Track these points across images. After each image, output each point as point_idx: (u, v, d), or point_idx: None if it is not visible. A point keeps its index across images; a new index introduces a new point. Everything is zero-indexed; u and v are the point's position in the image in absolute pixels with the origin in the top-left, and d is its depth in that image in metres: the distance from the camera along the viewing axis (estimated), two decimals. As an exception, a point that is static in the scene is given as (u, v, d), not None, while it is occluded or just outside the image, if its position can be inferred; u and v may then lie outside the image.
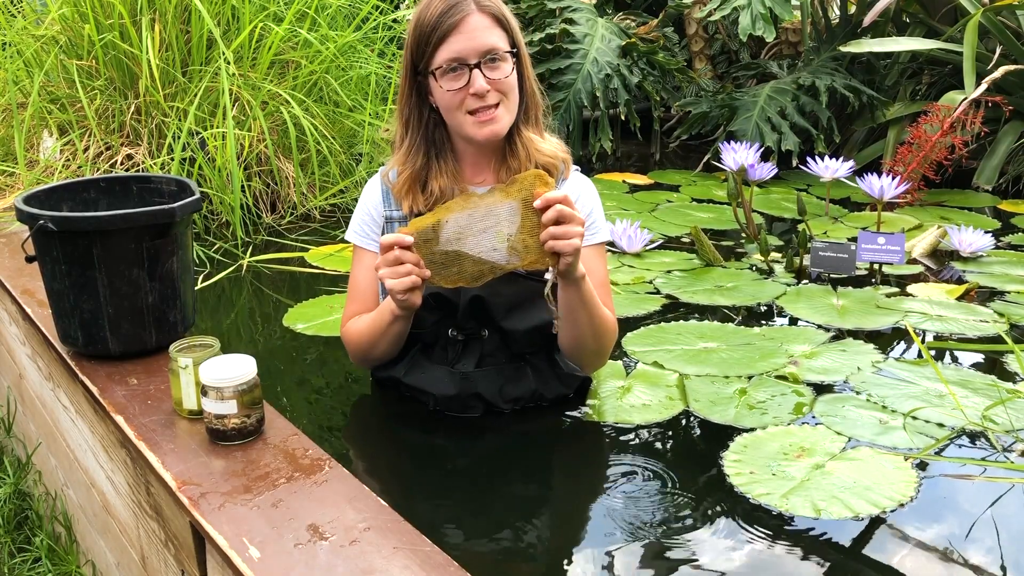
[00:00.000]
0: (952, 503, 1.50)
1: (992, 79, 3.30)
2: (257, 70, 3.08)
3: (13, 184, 2.92)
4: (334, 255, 2.74)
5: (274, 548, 1.13)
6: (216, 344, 1.46)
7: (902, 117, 3.83)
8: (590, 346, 1.68)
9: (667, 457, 1.66)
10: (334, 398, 1.91)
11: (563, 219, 1.45)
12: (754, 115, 3.86)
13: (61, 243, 1.56)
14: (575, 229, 1.45)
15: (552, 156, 1.68)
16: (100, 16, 2.95)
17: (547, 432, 1.71)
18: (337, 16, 3.53)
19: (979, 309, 2.33)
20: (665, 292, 2.47)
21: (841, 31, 4.15)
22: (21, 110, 2.97)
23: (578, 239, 1.45)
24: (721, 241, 2.94)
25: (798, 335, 2.17)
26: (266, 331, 2.27)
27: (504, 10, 1.61)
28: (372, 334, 1.66)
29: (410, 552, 1.12)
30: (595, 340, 1.66)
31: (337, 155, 3.19)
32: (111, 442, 1.56)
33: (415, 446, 1.69)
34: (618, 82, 3.92)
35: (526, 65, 1.65)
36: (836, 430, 1.71)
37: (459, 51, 1.55)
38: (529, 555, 1.37)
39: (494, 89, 1.57)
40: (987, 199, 3.50)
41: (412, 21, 1.61)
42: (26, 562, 2.06)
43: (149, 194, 1.81)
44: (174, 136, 2.86)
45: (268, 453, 1.35)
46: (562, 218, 1.45)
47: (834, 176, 3.00)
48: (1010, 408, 1.76)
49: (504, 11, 1.61)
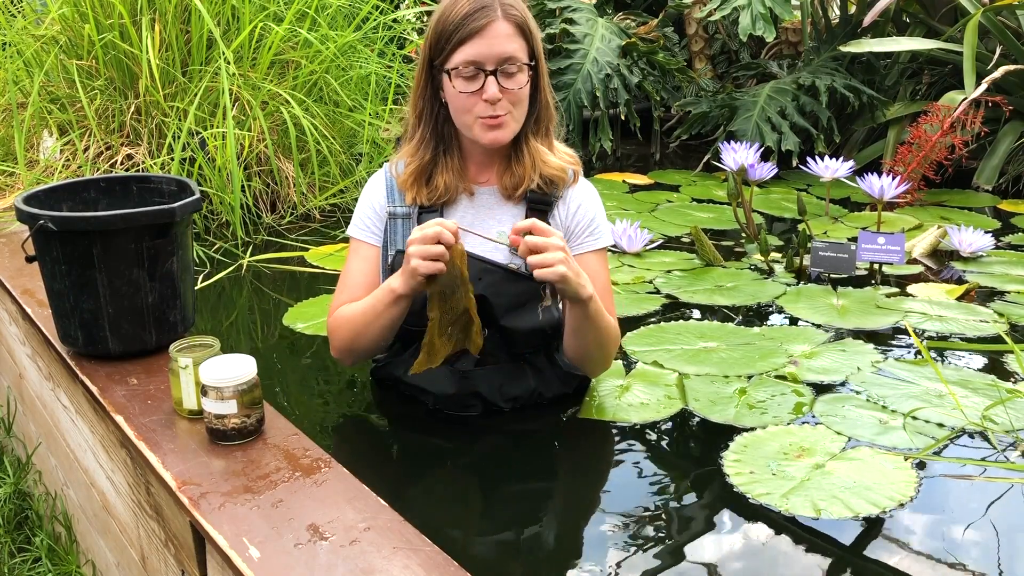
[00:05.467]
0: (952, 503, 1.50)
1: (992, 79, 3.30)
2: (257, 70, 3.08)
3: (13, 184, 2.92)
4: (334, 255, 2.74)
5: (274, 548, 1.13)
6: (216, 344, 1.46)
7: (902, 117, 3.83)
8: (595, 356, 1.71)
9: (667, 457, 1.67)
10: (334, 398, 1.91)
11: (536, 249, 1.46)
12: (754, 115, 3.86)
13: (61, 243, 1.56)
14: (552, 256, 1.45)
15: (558, 169, 1.67)
16: (100, 16, 2.95)
17: (547, 431, 1.71)
18: (337, 16, 3.53)
19: (979, 309, 2.33)
20: (665, 292, 2.47)
21: (841, 31, 4.15)
22: (21, 110, 2.97)
23: (559, 264, 1.45)
24: (721, 241, 2.94)
25: (798, 335, 2.17)
26: (266, 331, 2.27)
27: (529, 20, 1.61)
28: (365, 317, 1.63)
29: (410, 552, 1.12)
30: (600, 351, 1.69)
31: (337, 155, 3.19)
32: (111, 442, 1.56)
33: (415, 446, 1.69)
34: (618, 82, 3.92)
35: (543, 76, 1.65)
36: (836, 430, 1.71)
37: (478, 55, 1.55)
38: (529, 555, 1.37)
39: (506, 98, 1.58)
40: (987, 199, 3.50)
41: (436, 15, 1.60)
42: (26, 562, 2.06)
43: (149, 194, 1.81)
44: (174, 136, 2.86)
45: (268, 453, 1.35)
46: (535, 248, 1.46)
47: (834, 176, 3.00)
48: (1010, 408, 1.76)
49: (529, 21, 1.61)
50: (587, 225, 1.70)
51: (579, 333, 1.63)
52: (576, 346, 1.67)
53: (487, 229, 1.69)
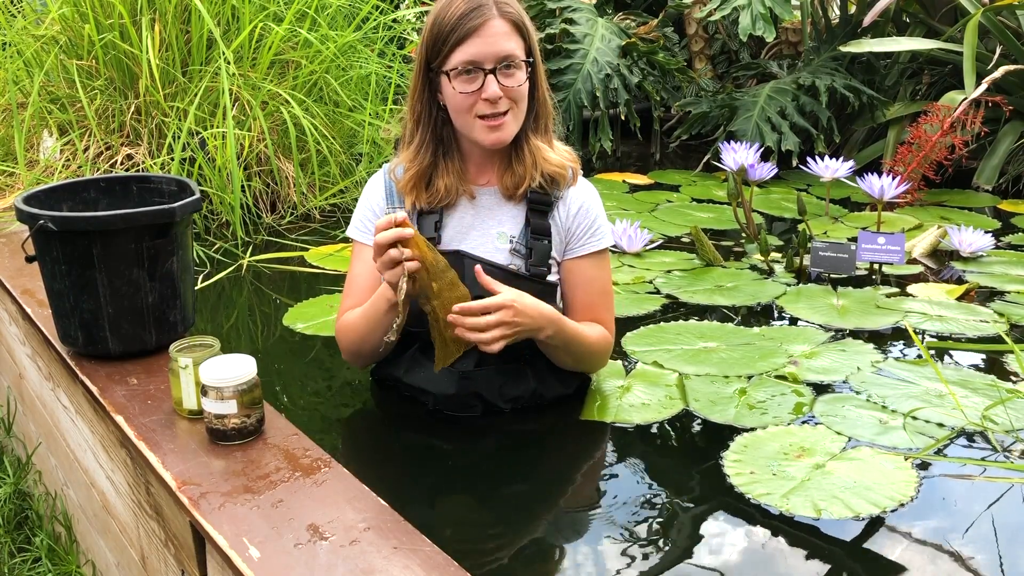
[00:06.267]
0: (952, 503, 1.50)
1: (992, 79, 3.30)
2: (257, 70, 3.09)
3: (13, 184, 2.92)
4: (334, 255, 2.74)
5: (274, 548, 1.13)
6: (216, 344, 1.46)
7: (902, 117, 3.83)
8: (577, 369, 1.78)
9: (667, 457, 1.67)
10: (334, 398, 1.91)
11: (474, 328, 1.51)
12: (754, 115, 3.86)
13: (61, 243, 1.56)
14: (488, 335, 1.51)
15: (559, 166, 1.68)
16: (100, 16, 2.95)
17: (547, 432, 1.71)
18: (337, 16, 3.53)
19: (979, 309, 2.33)
20: (665, 292, 2.47)
21: (841, 31, 4.15)
22: (21, 110, 2.97)
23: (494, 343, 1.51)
24: (721, 241, 2.94)
25: (798, 335, 2.17)
26: (266, 331, 2.27)
27: (524, 18, 1.61)
28: (366, 324, 1.64)
29: (410, 552, 1.12)
30: (580, 365, 1.77)
31: (337, 155, 3.19)
32: (111, 442, 1.56)
33: (415, 446, 1.69)
34: (618, 82, 3.92)
35: (540, 74, 1.66)
36: (836, 430, 1.71)
37: (476, 55, 1.55)
38: (529, 555, 1.37)
39: (506, 96, 1.58)
40: (987, 199, 3.50)
41: (431, 17, 1.60)
42: (26, 562, 2.06)
43: (149, 194, 1.81)
44: (174, 136, 2.86)
45: (268, 453, 1.35)
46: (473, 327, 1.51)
47: (834, 176, 3.00)
48: (1010, 408, 1.76)
49: (524, 19, 1.61)
50: (588, 227, 1.70)
51: (552, 356, 1.70)
52: (555, 361, 1.72)
53: (488, 230, 1.69)
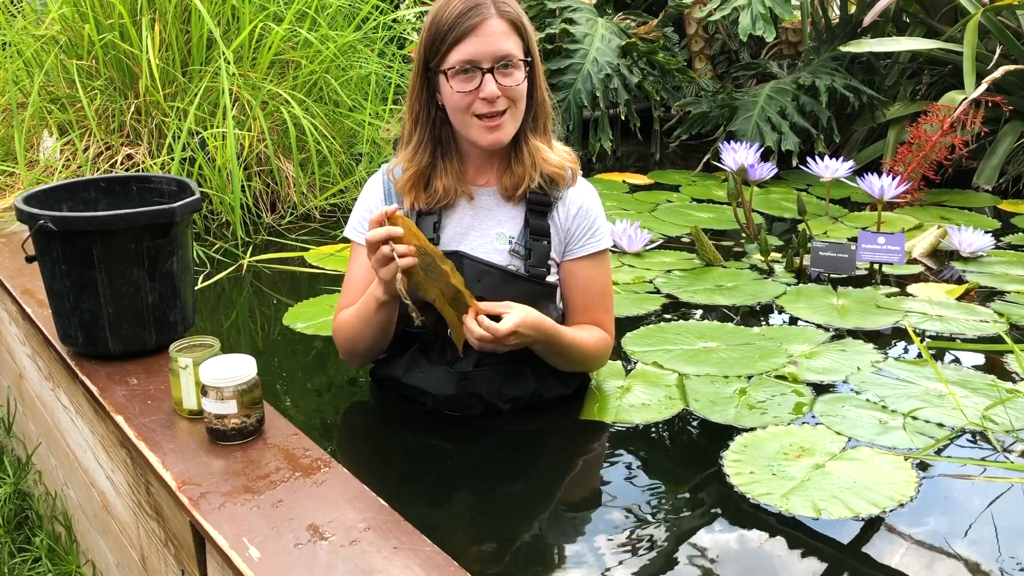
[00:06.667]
0: (952, 503, 1.50)
1: (992, 79, 3.30)
2: (257, 70, 3.08)
3: (13, 184, 2.92)
4: (334, 255, 2.74)
5: (274, 548, 1.13)
6: (216, 344, 1.46)
7: (902, 117, 3.83)
8: (573, 370, 1.78)
9: (667, 457, 1.67)
10: (334, 398, 1.91)
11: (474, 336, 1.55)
12: (754, 115, 3.86)
13: (61, 243, 1.56)
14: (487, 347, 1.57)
15: (558, 167, 1.67)
16: (100, 16, 2.95)
17: (546, 432, 1.71)
18: (337, 16, 3.53)
19: (979, 309, 2.33)
20: (665, 292, 2.47)
21: (841, 31, 4.15)
22: (21, 110, 2.97)
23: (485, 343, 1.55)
24: (721, 241, 2.94)
25: (798, 335, 2.17)
26: (266, 331, 2.27)
27: (523, 17, 1.61)
28: (359, 323, 1.65)
29: (410, 552, 1.12)
30: (575, 367, 1.77)
31: (337, 155, 3.19)
32: (111, 442, 1.56)
33: (415, 446, 1.69)
34: (618, 82, 3.92)
35: (538, 73, 1.65)
36: (836, 430, 1.71)
37: (474, 54, 1.55)
38: (529, 555, 1.37)
39: (504, 96, 1.57)
40: (987, 199, 3.50)
41: (429, 17, 1.60)
42: (26, 562, 2.06)
43: (149, 194, 1.81)
44: (174, 136, 2.86)
45: (268, 453, 1.35)
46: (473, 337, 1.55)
47: (834, 176, 3.00)
48: (1010, 408, 1.76)
49: (523, 18, 1.61)
50: (587, 228, 1.70)
51: (548, 361, 1.70)
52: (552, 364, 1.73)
53: (487, 231, 1.69)
